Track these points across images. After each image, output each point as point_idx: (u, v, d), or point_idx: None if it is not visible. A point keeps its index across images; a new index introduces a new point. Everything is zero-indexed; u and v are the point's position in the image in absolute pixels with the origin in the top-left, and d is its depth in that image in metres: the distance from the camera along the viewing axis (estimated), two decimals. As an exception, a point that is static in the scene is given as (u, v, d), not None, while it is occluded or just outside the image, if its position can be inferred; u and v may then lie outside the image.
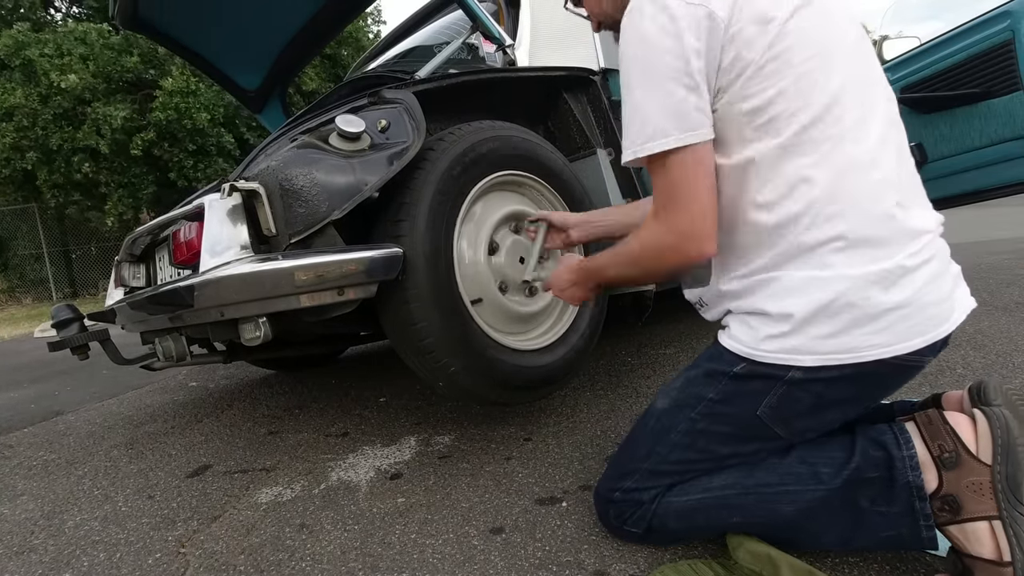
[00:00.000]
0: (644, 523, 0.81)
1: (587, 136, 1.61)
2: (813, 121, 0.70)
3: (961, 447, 0.69)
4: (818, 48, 0.71)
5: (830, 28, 0.73)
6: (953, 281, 0.74)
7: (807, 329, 0.70)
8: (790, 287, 0.71)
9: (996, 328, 1.77)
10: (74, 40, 7.98)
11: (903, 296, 0.68)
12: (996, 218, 6.40)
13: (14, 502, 1.27)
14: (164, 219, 1.27)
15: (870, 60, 0.77)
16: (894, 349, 0.68)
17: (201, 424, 1.72)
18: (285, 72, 2.12)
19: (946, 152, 2.15)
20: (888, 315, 0.68)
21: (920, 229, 0.71)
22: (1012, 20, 1.87)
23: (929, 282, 0.69)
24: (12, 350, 4.44)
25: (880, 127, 0.73)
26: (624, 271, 0.87)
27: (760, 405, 0.74)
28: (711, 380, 0.79)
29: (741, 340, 0.76)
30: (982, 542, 0.66)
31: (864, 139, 0.71)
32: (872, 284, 0.68)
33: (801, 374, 0.71)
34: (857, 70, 0.74)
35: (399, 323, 1.09)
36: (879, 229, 0.69)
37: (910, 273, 0.68)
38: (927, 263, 0.70)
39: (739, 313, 0.78)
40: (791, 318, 0.70)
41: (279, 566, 0.90)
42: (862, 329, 0.68)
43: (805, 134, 0.70)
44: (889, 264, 0.68)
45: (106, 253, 9.88)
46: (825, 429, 0.78)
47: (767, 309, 0.73)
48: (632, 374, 1.71)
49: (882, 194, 0.70)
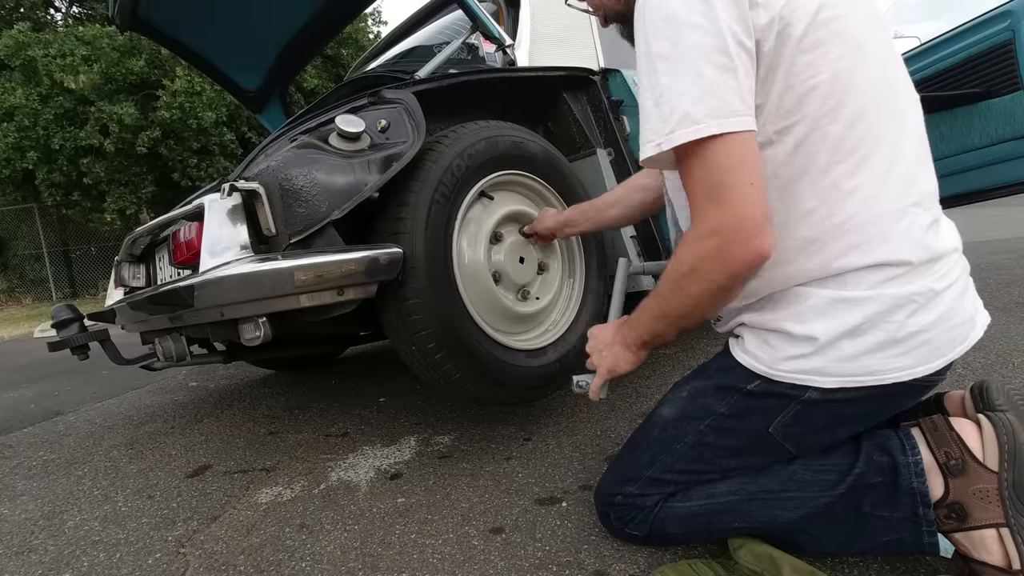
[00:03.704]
0: (645, 527, 0.80)
1: (587, 136, 1.61)
2: (850, 125, 0.64)
3: (967, 454, 0.68)
4: (854, 44, 0.65)
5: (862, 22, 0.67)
6: (973, 299, 0.72)
7: (829, 352, 0.67)
8: (816, 308, 0.67)
9: (996, 328, 1.77)
10: (75, 40, 7.98)
11: (929, 319, 0.65)
12: (996, 218, 6.40)
13: (14, 502, 1.27)
14: (164, 219, 1.27)
15: (898, 59, 0.72)
16: (915, 372, 0.66)
17: (201, 424, 1.72)
18: (285, 72, 2.12)
19: (946, 152, 2.15)
20: (913, 338, 0.65)
21: (948, 248, 0.68)
22: (1012, 20, 1.87)
23: (954, 302, 0.67)
24: (12, 350, 4.44)
25: (914, 138, 0.69)
26: (670, 306, 0.71)
27: (772, 423, 0.73)
28: (722, 394, 0.76)
29: (758, 358, 0.72)
30: (990, 550, 0.65)
31: (900, 152, 0.67)
32: (900, 308, 0.64)
33: (818, 395, 0.69)
34: (888, 72, 0.69)
35: (399, 323, 1.09)
36: (913, 251, 0.65)
37: (938, 295, 0.65)
38: (953, 285, 0.67)
39: (756, 328, 0.74)
40: (815, 341, 0.67)
41: (279, 566, 0.90)
42: (885, 352, 0.65)
43: (843, 140, 0.65)
44: (919, 287, 0.65)
45: (106, 253, 9.88)
46: (834, 444, 0.76)
47: (790, 329, 0.69)
48: (632, 374, 1.70)
49: (917, 213, 0.66)
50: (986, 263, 3.12)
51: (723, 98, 0.61)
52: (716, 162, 0.61)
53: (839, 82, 0.64)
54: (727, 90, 0.61)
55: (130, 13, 1.65)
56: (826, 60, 0.64)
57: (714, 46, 0.61)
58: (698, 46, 0.61)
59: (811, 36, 0.63)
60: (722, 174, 0.61)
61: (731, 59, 0.61)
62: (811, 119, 0.65)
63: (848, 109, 0.64)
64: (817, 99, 0.64)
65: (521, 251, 1.29)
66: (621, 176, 1.60)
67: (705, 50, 0.61)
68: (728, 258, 0.62)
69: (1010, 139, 1.94)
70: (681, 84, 0.62)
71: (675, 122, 0.62)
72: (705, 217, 0.63)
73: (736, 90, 0.61)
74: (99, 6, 9.99)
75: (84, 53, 7.90)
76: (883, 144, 0.66)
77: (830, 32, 0.64)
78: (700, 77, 0.61)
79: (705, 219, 0.63)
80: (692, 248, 0.65)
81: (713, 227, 0.62)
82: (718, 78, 0.61)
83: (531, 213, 1.34)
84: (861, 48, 0.66)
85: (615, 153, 1.60)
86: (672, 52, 0.62)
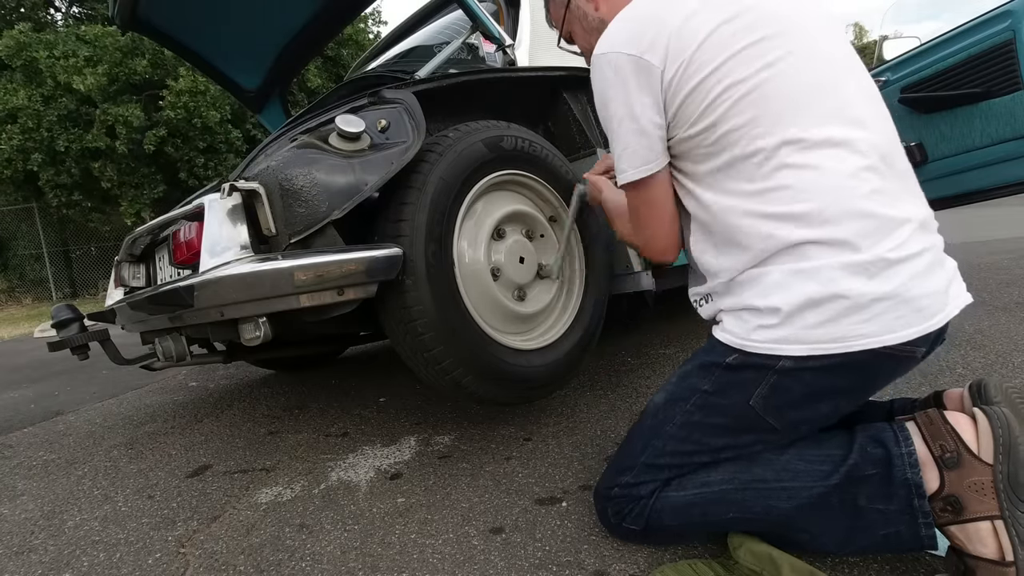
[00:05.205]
0: (642, 520, 0.81)
1: (587, 136, 1.61)
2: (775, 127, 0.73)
3: (962, 447, 0.69)
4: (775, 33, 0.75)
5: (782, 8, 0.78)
6: (948, 276, 0.74)
7: (795, 320, 0.71)
8: (776, 282, 0.73)
9: (996, 328, 1.77)
10: (75, 40, 7.99)
11: (889, 287, 0.68)
12: (996, 218, 6.40)
13: (14, 502, 1.27)
14: (164, 219, 1.27)
15: (835, 37, 0.81)
16: (883, 339, 0.68)
17: (201, 424, 1.72)
18: (285, 72, 2.12)
19: (946, 152, 2.15)
20: (874, 305, 0.68)
21: (902, 219, 0.71)
22: (1013, 20, 1.87)
23: (917, 276, 0.69)
24: (12, 350, 4.44)
25: (856, 106, 0.76)
26: (613, 217, 1.07)
27: (752, 395, 0.75)
28: (705, 372, 0.80)
29: (733, 332, 0.77)
30: (984, 542, 0.65)
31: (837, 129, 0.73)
32: (854, 275, 0.68)
33: (791, 363, 0.72)
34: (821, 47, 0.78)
35: (399, 323, 1.09)
36: (860, 222, 0.70)
37: (893, 266, 0.69)
38: (916, 257, 0.70)
39: (731, 310, 0.80)
40: (779, 312, 0.72)
41: (279, 566, 0.90)
42: (849, 319, 0.69)
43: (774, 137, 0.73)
44: (869, 256, 0.69)
45: (106, 253, 9.89)
46: (821, 422, 0.78)
47: (756, 304, 0.75)
48: (632, 374, 1.71)
49: (857, 185, 0.71)
50: (986, 263, 3.12)
51: (636, 153, 0.82)
52: (638, 198, 0.88)
53: (753, 96, 0.74)
54: (640, 147, 0.82)
55: (130, 13, 1.65)
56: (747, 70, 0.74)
57: (629, 117, 0.81)
58: (620, 119, 0.82)
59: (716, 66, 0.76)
60: (645, 206, 0.88)
61: (643, 128, 0.81)
62: (742, 129, 0.75)
63: (769, 115, 0.74)
64: (738, 115, 0.75)
65: (521, 251, 1.29)
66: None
67: (623, 121, 0.82)
68: (644, 253, 1.02)
69: (1010, 139, 1.94)
70: (619, 141, 0.84)
71: (621, 168, 0.85)
72: (637, 227, 0.92)
73: (648, 146, 0.81)
74: (99, 6, 10.00)
75: (87, 54, 7.91)
76: (812, 133, 0.73)
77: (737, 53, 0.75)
78: (626, 142, 0.83)
79: (637, 229, 0.92)
80: (632, 238, 0.97)
81: (640, 238, 0.92)
82: (635, 141, 0.82)
83: (531, 213, 1.34)
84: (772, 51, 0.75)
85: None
86: (606, 115, 0.85)
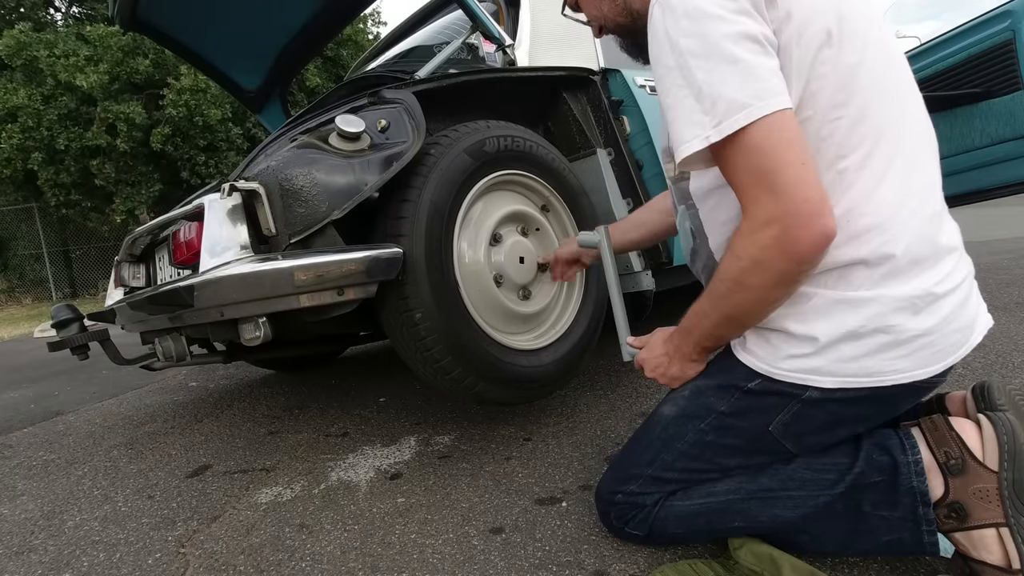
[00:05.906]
0: (646, 526, 0.80)
1: (587, 136, 1.61)
2: (856, 120, 0.65)
3: (967, 454, 0.68)
4: (861, 43, 0.67)
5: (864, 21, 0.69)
6: (976, 301, 0.72)
7: (830, 352, 0.67)
8: (818, 308, 0.67)
9: (996, 328, 1.77)
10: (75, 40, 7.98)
11: (931, 323, 0.65)
12: (996, 218, 6.40)
13: (14, 502, 1.27)
14: (164, 219, 1.27)
15: (899, 54, 0.73)
16: (916, 375, 0.66)
17: (201, 424, 1.72)
18: (285, 72, 2.12)
19: (946, 152, 2.15)
20: (915, 341, 0.65)
21: (949, 246, 0.69)
22: (1013, 20, 1.88)
23: (957, 308, 0.67)
24: (12, 350, 4.44)
25: (916, 131, 0.70)
26: (731, 305, 0.69)
27: (772, 421, 0.73)
28: (723, 393, 0.76)
29: (759, 356, 0.73)
30: (990, 549, 0.65)
31: (902, 145, 0.67)
32: (900, 311, 0.65)
33: (819, 394, 0.69)
34: (890, 66, 0.70)
35: (399, 323, 1.09)
36: (912, 242, 0.65)
37: (939, 300, 0.66)
38: (957, 288, 0.67)
39: (758, 327, 0.73)
40: (815, 342, 0.67)
41: (279, 566, 0.90)
42: (887, 354, 0.66)
43: (851, 129, 0.65)
44: (918, 289, 0.65)
45: (106, 253, 9.88)
46: (834, 443, 0.76)
47: (791, 329, 0.69)
48: (632, 374, 1.71)
49: (922, 206, 0.66)
50: (986, 263, 3.12)
51: (764, 79, 0.60)
52: (762, 146, 0.60)
53: (846, 78, 0.65)
54: (766, 71, 0.61)
55: (130, 14, 1.65)
56: (838, 57, 0.65)
57: (742, 33, 0.61)
58: (727, 35, 0.61)
59: (823, 32, 0.64)
60: (771, 159, 0.60)
61: (760, 44, 0.62)
62: (821, 113, 0.66)
63: (854, 104, 0.65)
64: (827, 94, 0.65)
65: (521, 251, 1.29)
66: (621, 176, 1.59)
67: (735, 38, 0.61)
68: (793, 244, 0.60)
69: (1010, 139, 1.94)
70: (719, 75, 0.61)
71: (722, 112, 0.61)
72: (760, 206, 0.61)
73: (773, 69, 0.61)
74: (99, 6, 10.00)
75: (87, 53, 7.91)
76: (886, 138, 0.67)
77: (840, 30, 0.65)
78: (736, 63, 0.60)
79: (760, 208, 0.61)
80: (751, 240, 0.63)
81: (770, 215, 0.60)
82: (754, 61, 0.61)
83: (531, 213, 1.34)
84: (866, 46, 0.67)
85: (615, 153, 1.60)
86: (703, 46, 0.62)
